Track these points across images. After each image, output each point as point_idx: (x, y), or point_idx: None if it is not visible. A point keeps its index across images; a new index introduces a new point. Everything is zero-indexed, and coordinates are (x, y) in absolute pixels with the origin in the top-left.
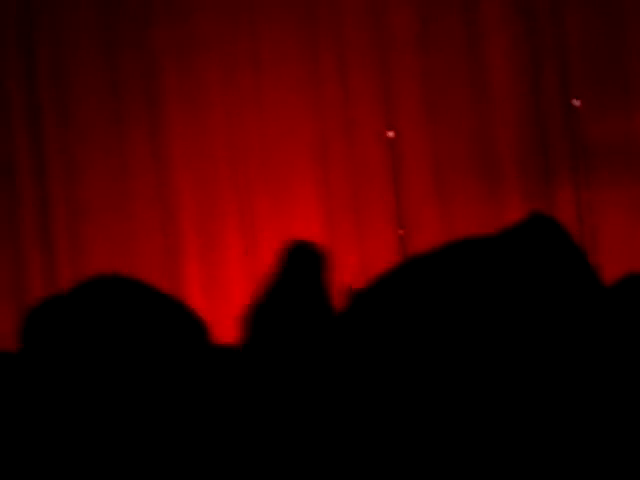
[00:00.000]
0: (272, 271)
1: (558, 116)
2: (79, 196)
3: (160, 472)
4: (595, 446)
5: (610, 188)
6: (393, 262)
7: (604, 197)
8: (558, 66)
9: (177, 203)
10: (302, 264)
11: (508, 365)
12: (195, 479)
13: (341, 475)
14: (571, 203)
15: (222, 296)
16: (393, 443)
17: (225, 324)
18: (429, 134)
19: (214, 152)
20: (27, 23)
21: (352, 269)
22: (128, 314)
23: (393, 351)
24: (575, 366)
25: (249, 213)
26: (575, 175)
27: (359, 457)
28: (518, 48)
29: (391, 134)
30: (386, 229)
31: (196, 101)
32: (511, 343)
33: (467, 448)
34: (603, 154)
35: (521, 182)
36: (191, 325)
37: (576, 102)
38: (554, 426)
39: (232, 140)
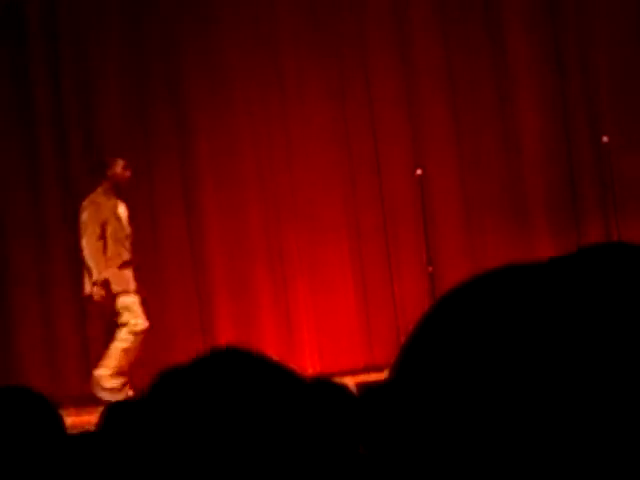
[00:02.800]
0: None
1: (587, 153)
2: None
3: None
4: None
5: None
6: (423, 298)
7: (634, 233)
8: (586, 103)
9: (209, 256)
10: None
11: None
12: None
13: None
14: (600, 239)
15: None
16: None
17: None
18: (458, 172)
19: (245, 194)
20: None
21: (384, 305)
22: (252, 388)
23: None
24: None
25: (279, 258)
26: (604, 211)
27: None
28: (547, 87)
29: (419, 172)
30: (416, 266)
31: (228, 152)
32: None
33: None
34: (632, 190)
35: (550, 219)
36: (309, 397)
37: (605, 139)
38: None
39: (263, 184)
